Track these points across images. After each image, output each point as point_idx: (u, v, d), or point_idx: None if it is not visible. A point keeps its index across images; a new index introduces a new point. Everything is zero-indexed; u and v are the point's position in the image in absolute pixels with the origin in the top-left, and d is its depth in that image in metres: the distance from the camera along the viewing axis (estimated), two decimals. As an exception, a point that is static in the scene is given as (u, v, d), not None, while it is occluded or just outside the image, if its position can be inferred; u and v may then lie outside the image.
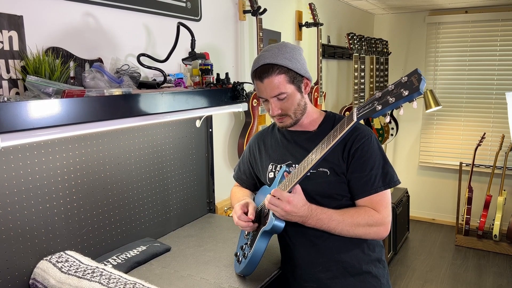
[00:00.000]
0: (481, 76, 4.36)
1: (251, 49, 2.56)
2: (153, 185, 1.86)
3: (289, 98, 1.36)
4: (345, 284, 1.39)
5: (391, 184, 1.35)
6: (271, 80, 1.33)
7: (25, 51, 1.32)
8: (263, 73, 1.34)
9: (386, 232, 1.34)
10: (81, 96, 1.24)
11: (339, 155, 1.35)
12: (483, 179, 4.37)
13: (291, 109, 1.38)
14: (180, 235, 1.91)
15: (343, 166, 1.35)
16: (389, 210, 1.35)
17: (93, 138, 1.57)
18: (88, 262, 1.37)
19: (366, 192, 1.33)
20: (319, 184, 1.36)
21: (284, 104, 1.37)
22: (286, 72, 1.33)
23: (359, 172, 1.34)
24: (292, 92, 1.36)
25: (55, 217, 1.45)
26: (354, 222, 1.30)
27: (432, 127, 4.67)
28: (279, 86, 1.33)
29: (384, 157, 1.37)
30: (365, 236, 1.33)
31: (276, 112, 1.38)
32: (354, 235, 1.32)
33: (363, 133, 1.37)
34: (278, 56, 1.33)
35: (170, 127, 1.92)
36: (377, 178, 1.33)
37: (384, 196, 1.34)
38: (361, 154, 1.34)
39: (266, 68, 1.33)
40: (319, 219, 1.28)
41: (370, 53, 3.90)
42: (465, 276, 3.53)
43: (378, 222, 1.31)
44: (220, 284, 1.44)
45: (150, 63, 1.69)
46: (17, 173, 1.33)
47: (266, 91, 1.35)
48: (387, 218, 1.33)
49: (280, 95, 1.34)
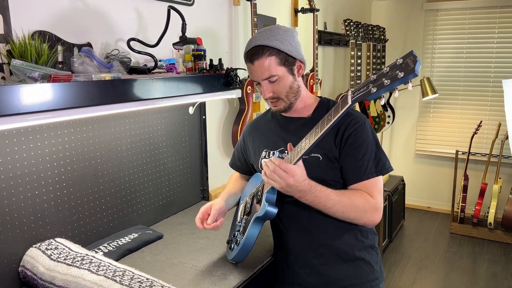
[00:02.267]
0: (479, 64, 4.33)
1: (245, 35, 2.53)
2: (145, 172, 1.84)
3: (280, 81, 1.34)
4: (338, 270, 1.39)
5: (383, 171, 1.33)
6: (261, 62, 1.31)
7: (11, 34, 1.28)
8: (253, 55, 1.32)
9: (379, 218, 1.33)
10: (68, 80, 1.21)
11: (332, 140, 1.34)
12: (479, 167, 4.37)
13: (283, 92, 1.36)
14: (173, 223, 1.90)
15: (335, 151, 1.34)
16: (382, 196, 1.34)
17: (83, 124, 1.54)
18: (78, 249, 1.36)
19: (358, 178, 1.32)
20: (312, 170, 1.33)
21: (275, 86, 1.35)
22: (276, 54, 1.31)
23: (352, 158, 1.32)
24: (284, 74, 1.34)
25: (45, 204, 1.43)
26: (351, 203, 1.27)
27: (428, 115, 4.65)
28: (269, 68, 1.31)
29: (377, 143, 1.36)
30: (358, 220, 1.31)
31: (268, 95, 1.36)
32: (347, 218, 1.29)
33: (356, 119, 1.35)
34: (269, 38, 1.31)
35: (163, 113, 1.90)
36: (369, 164, 1.32)
37: (377, 182, 1.33)
38: (354, 140, 1.32)
39: (256, 50, 1.32)
40: (317, 196, 1.25)
41: (367, 40, 3.86)
42: (460, 263, 3.55)
43: (372, 207, 1.30)
44: (212, 271, 1.43)
45: (141, 48, 1.66)
46: (4, 159, 1.31)
47: (257, 74, 1.34)
48: (380, 204, 1.32)
49: (271, 77, 1.33)
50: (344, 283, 1.39)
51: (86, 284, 1.19)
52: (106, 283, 1.17)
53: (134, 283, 1.17)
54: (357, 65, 3.59)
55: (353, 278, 1.39)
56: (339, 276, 1.39)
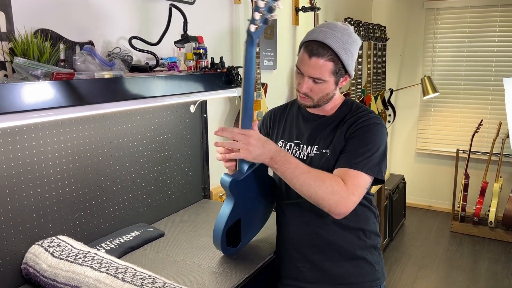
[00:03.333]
0: (479, 62, 4.33)
1: (247, 33, 2.53)
2: (147, 171, 1.84)
3: (323, 85, 1.32)
4: (340, 267, 1.39)
5: (369, 172, 1.26)
6: (318, 62, 1.27)
7: (13, 32, 1.29)
8: (315, 50, 1.27)
9: (344, 208, 1.22)
10: (71, 78, 1.22)
11: (343, 135, 1.34)
12: (479, 166, 4.38)
13: (318, 95, 1.34)
14: (175, 221, 1.90)
15: (342, 144, 1.33)
16: (358, 192, 1.25)
17: (85, 122, 1.55)
18: (80, 246, 1.37)
19: (345, 164, 1.27)
20: (321, 165, 1.34)
21: (315, 87, 1.32)
22: (336, 62, 1.28)
23: (350, 146, 1.31)
24: (330, 82, 1.31)
25: (47, 201, 1.44)
26: (319, 178, 1.22)
27: (429, 114, 4.65)
28: (322, 71, 1.28)
29: (380, 147, 1.31)
30: (324, 200, 1.22)
31: (305, 91, 1.33)
32: (313, 194, 1.22)
33: (372, 119, 1.34)
34: (339, 41, 1.27)
35: (164, 112, 1.90)
36: (360, 158, 1.27)
37: (360, 176, 1.26)
38: (360, 133, 1.31)
39: (320, 46, 1.26)
40: (287, 160, 1.23)
41: (368, 39, 3.86)
42: (460, 262, 3.56)
43: (340, 192, 1.21)
44: (213, 269, 1.44)
45: (143, 47, 1.66)
46: (7, 157, 1.31)
47: (308, 69, 1.29)
48: (352, 196, 1.23)
49: (318, 79, 1.30)
50: (344, 280, 1.39)
51: (88, 281, 1.19)
52: (109, 280, 1.18)
53: (137, 280, 1.17)
54: (358, 63, 3.59)
55: (353, 277, 1.39)
56: (339, 273, 1.39)
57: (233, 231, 1.44)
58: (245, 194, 1.39)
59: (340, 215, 1.25)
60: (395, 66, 4.71)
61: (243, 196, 1.38)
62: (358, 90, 3.70)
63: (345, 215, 1.25)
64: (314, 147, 1.38)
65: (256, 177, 1.41)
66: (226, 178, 1.32)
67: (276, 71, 2.94)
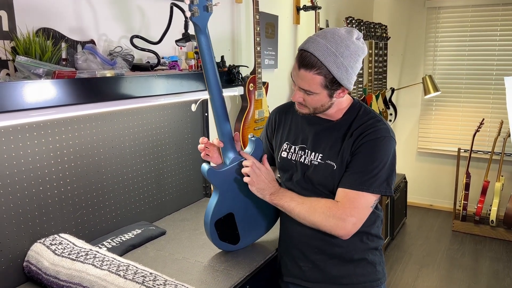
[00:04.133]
0: (481, 61, 4.33)
1: (248, 32, 2.53)
2: (148, 169, 1.85)
3: (315, 97, 1.27)
4: (341, 268, 1.39)
5: (375, 191, 1.26)
6: (306, 75, 1.21)
7: (15, 31, 1.29)
8: (303, 61, 1.21)
9: (343, 231, 1.26)
10: (72, 77, 1.22)
11: (349, 149, 1.30)
12: (481, 165, 4.37)
13: (312, 105, 1.30)
14: (176, 219, 1.91)
15: (349, 159, 1.30)
16: (358, 212, 1.26)
17: (86, 120, 1.55)
18: (82, 244, 1.37)
19: (347, 184, 1.27)
20: (325, 177, 1.33)
21: (308, 98, 1.28)
22: (325, 76, 1.21)
23: (354, 164, 1.28)
24: (321, 94, 1.25)
25: (49, 200, 1.45)
26: (311, 207, 1.29)
27: (430, 113, 4.65)
28: (310, 84, 1.23)
29: (387, 163, 1.27)
30: (323, 225, 1.27)
31: (297, 100, 1.31)
32: (311, 223, 1.30)
33: (379, 131, 1.28)
34: (330, 55, 1.18)
35: (165, 110, 1.91)
36: (365, 177, 1.25)
37: (361, 196, 1.26)
38: (366, 148, 1.27)
39: (309, 58, 1.19)
40: (284, 195, 1.34)
41: (369, 38, 3.86)
42: (462, 261, 3.56)
43: (335, 217, 1.25)
44: (214, 266, 1.44)
45: (144, 46, 1.67)
46: (9, 155, 1.32)
47: (297, 80, 1.26)
48: (350, 218, 1.24)
49: (307, 91, 1.25)
50: (345, 281, 1.39)
51: (90, 278, 1.20)
52: (110, 277, 1.18)
53: (138, 277, 1.18)
54: (359, 63, 3.59)
55: (354, 277, 1.39)
56: (340, 274, 1.39)
57: (227, 225, 1.46)
58: (232, 187, 1.44)
59: (343, 236, 1.29)
60: (396, 65, 4.71)
61: (228, 188, 1.43)
62: (359, 89, 3.70)
63: (350, 235, 1.29)
64: (318, 155, 1.35)
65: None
66: (204, 166, 1.40)
67: (277, 70, 2.94)
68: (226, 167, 1.41)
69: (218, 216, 1.43)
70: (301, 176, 1.37)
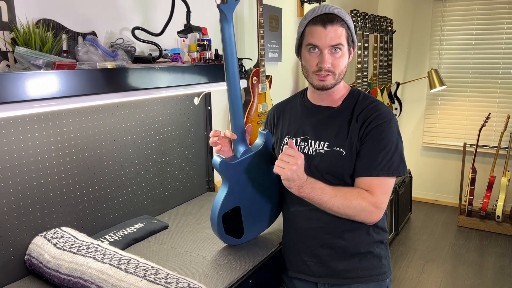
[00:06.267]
0: (487, 55, 4.27)
1: (251, 25, 2.51)
2: (151, 163, 1.83)
3: (342, 56, 1.32)
4: (346, 262, 1.37)
5: (395, 173, 1.31)
6: (336, 29, 1.29)
7: (15, 22, 1.27)
8: (328, 20, 1.29)
9: (376, 218, 1.32)
10: (72, 68, 1.21)
11: (356, 134, 1.32)
12: (487, 160, 4.33)
13: (339, 68, 1.33)
14: (179, 213, 1.89)
15: (358, 145, 1.32)
16: (386, 197, 1.31)
17: (88, 113, 1.54)
18: (83, 238, 1.36)
19: (367, 172, 1.30)
20: (334, 164, 1.33)
21: (336, 59, 1.32)
22: (347, 30, 1.32)
23: (367, 151, 1.30)
24: (346, 50, 1.33)
25: (50, 193, 1.43)
26: (346, 201, 1.27)
27: (436, 108, 4.60)
28: (340, 36, 1.30)
29: (397, 144, 1.33)
30: (355, 217, 1.30)
31: (328, 65, 1.31)
32: (344, 215, 1.29)
33: (383, 114, 1.33)
34: (344, 14, 1.33)
35: (168, 104, 1.89)
36: (382, 162, 1.29)
37: (385, 182, 1.31)
38: (374, 134, 1.30)
39: (332, 17, 1.30)
40: (314, 188, 1.26)
41: (374, 31, 3.82)
42: (467, 256, 3.53)
43: (370, 206, 1.28)
44: (217, 260, 1.43)
45: (146, 38, 1.65)
46: (10, 148, 1.31)
47: (326, 39, 1.29)
48: (382, 204, 1.30)
49: (338, 45, 1.30)
50: (350, 274, 1.38)
51: (91, 272, 1.19)
52: (111, 271, 1.17)
53: (139, 271, 1.16)
54: (364, 56, 3.56)
55: (360, 271, 1.38)
56: (346, 268, 1.38)
57: (232, 218, 1.44)
58: (241, 181, 1.42)
59: (373, 222, 1.34)
60: (401, 59, 4.66)
61: (238, 181, 1.41)
62: (364, 83, 3.66)
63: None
64: (324, 143, 1.36)
65: (256, 168, 1.43)
66: (217, 158, 1.37)
67: (281, 64, 2.92)
68: (237, 160, 1.39)
69: (226, 209, 1.41)
70: (306, 168, 1.35)
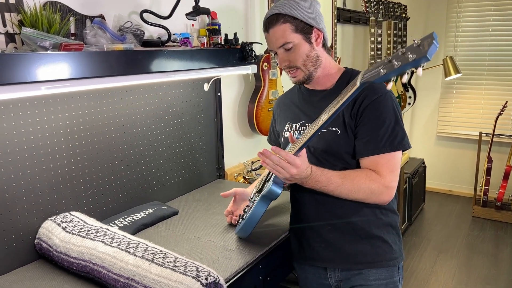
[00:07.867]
0: (505, 42, 4.15)
1: (262, 10, 2.46)
2: (160, 149, 1.82)
3: (296, 49, 1.30)
4: (355, 246, 1.35)
5: (399, 147, 1.26)
6: (276, 30, 1.29)
7: (22, 4, 1.26)
8: (268, 23, 1.31)
9: (389, 197, 1.28)
10: (79, 50, 1.19)
11: (349, 112, 1.29)
12: (503, 150, 4.23)
13: (299, 60, 1.31)
14: (189, 199, 1.88)
15: (352, 123, 1.29)
16: (395, 174, 1.27)
17: (97, 97, 1.53)
18: (92, 222, 1.36)
19: (370, 151, 1.26)
20: (329, 143, 1.31)
21: (291, 55, 1.31)
22: (291, 21, 1.28)
23: (366, 130, 1.27)
24: (299, 42, 1.29)
25: (59, 177, 1.43)
26: (354, 186, 1.24)
27: (451, 96, 4.51)
28: (283, 35, 1.28)
29: (397, 117, 1.29)
30: (366, 200, 1.27)
31: (284, 64, 1.33)
32: (354, 199, 1.27)
33: (376, 90, 1.28)
34: (284, 6, 1.29)
35: (177, 89, 1.87)
36: (384, 138, 1.25)
37: (391, 158, 1.26)
38: (371, 111, 1.26)
39: (271, 18, 1.30)
40: (318, 181, 1.23)
41: (387, 18, 3.74)
42: (482, 247, 3.47)
43: (380, 188, 1.25)
44: (226, 246, 1.41)
45: (154, 21, 1.63)
46: (18, 131, 1.30)
47: (272, 42, 1.31)
48: (391, 182, 1.26)
49: (285, 44, 1.29)
50: (360, 259, 1.35)
51: (100, 255, 1.18)
52: (120, 254, 1.16)
53: (148, 254, 1.15)
54: (377, 43, 3.49)
55: (370, 256, 1.35)
56: (355, 252, 1.35)
57: None
58: None
59: (386, 203, 1.31)
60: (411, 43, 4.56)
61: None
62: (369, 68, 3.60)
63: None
64: None
65: None
66: (277, 189, 1.27)
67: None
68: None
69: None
70: (306, 150, 1.33)
